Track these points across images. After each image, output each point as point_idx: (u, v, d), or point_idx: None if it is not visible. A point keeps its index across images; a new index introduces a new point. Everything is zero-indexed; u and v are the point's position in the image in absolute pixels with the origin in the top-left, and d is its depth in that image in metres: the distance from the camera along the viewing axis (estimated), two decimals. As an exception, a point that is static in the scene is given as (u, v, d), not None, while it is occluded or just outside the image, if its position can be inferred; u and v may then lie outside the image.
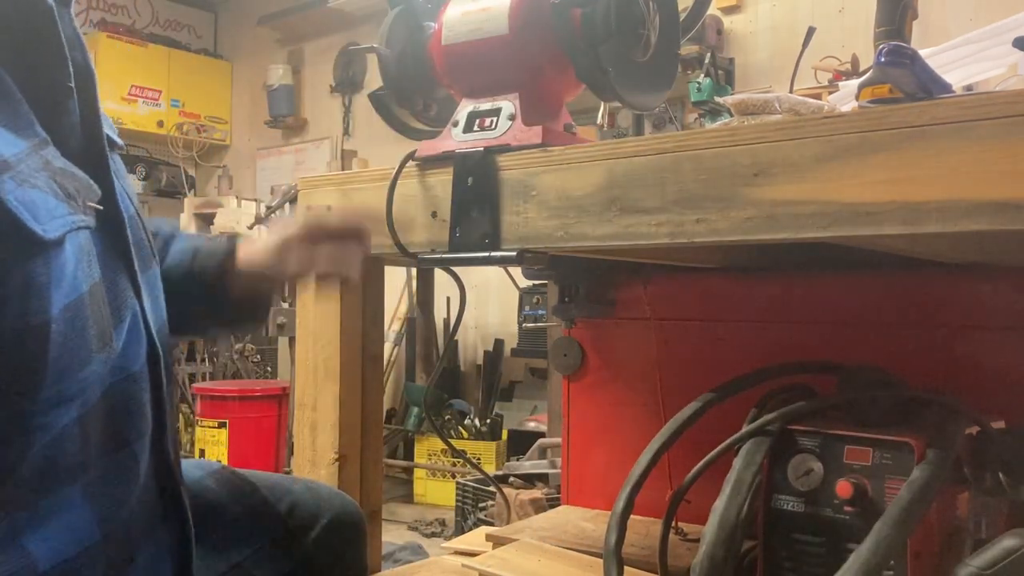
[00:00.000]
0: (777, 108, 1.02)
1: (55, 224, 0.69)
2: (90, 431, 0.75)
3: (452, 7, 1.05)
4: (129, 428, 0.79)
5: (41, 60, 0.74)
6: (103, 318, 0.75)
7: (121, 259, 0.81)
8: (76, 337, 0.71)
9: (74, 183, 0.73)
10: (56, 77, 0.75)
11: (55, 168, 0.71)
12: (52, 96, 0.75)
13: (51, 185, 0.70)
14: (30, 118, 0.72)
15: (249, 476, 1.04)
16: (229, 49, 6.80)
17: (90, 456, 0.75)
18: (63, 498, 0.73)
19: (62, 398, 0.71)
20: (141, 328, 0.82)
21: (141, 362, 0.81)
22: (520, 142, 0.97)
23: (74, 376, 0.72)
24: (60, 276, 0.69)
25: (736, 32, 4.18)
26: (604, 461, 1.59)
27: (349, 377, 1.22)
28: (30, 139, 0.70)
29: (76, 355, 0.71)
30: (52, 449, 0.71)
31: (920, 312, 1.27)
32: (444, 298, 4.76)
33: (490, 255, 0.96)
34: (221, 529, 0.96)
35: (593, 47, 0.93)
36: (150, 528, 0.82)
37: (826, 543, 0.96)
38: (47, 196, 0.69)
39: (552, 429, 3.05)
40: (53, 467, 0.71)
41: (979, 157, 0.69)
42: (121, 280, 0.80)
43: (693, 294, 1.49)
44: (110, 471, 0.77)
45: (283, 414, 4.15)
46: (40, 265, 0.67)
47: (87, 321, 0.72)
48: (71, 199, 0.72)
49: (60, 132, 0.75)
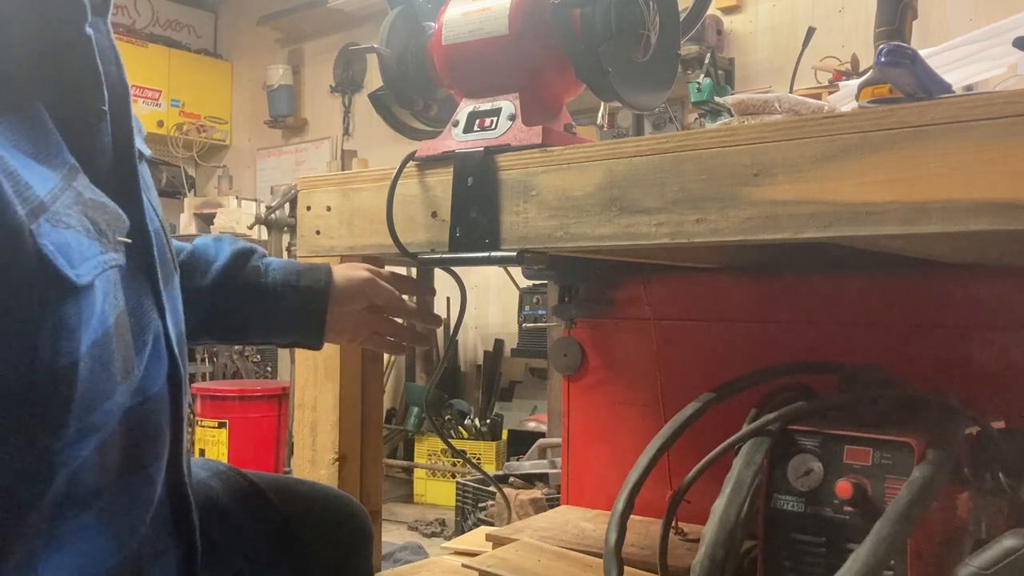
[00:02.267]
0: (777, 108, 1.03)
1: (88, 267, 0.67)
2: (108, 457, 0.73)
3: (452, 7, 1.05)
4: (146, 451, 0.78)
5: (75, 86, 0.72)
6: (127, 346, 0.74)
7: (146, 278, 0.79)
8: (102, 371, 0.70)
9: (104, 216, 0.71)
10: (89, 101, 0.73)
11: (86, 201, 0.70)
12: (84, 119, 0.73)
13: (84, 222, 0.68)
14: (60, 145, 0.69)
15: (254, 477, 1.03)
16: (229, 49, 6.80)
17: (106, 481, 0.73)
18: (79, 524, 0.71)
19: (86, 432, 0.70)
20: (163, 348, 0.80)
21: (161, 383, 0.80)
22: (520, 142, 0.97)
23: (99, 410, 0.70)
24: (90, 315, 0.68)
25: (736, 32, 4.18)
26: (604, 461, 1.59)
27: (349, 377, 1.22)
28: (60, 168, 0.68)
29: (101, 388, 0.70)
30: (71, 479, 0.70)
31: (920, 312, 1.27)
32: (444, 298, 4.76)
33: (490, 255, 0.96)
34: (225, 530, 0.96)
35: (593, 47, 0.93)
36: (161, 550, 0.81)
37: (826, 543, 0.96)
38: (80, 236, 0.67)
39: (552, 429, 3.06)
40: (71, 496, 0.70)
41: (979, 157, 0.69)
42: (145, 301, 0.79)
43: (693, 294, 1.49)
44: (126, 495, 0.76)
45: (283, 414, 4.15)
46: (71, 307, 0.66)
47: (113, 354, 0.71)
48: (102, 236, 0.70)
49: (91, 153, 0.73)
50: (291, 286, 1.06)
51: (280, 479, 1.08)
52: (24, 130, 0.67)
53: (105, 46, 0.77)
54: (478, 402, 4.77)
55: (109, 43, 0.78)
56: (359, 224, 1.10)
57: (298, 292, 1.06)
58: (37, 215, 0.63)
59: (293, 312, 1.06)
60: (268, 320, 1.07)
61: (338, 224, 1.12)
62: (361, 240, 1.11)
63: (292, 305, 1.06)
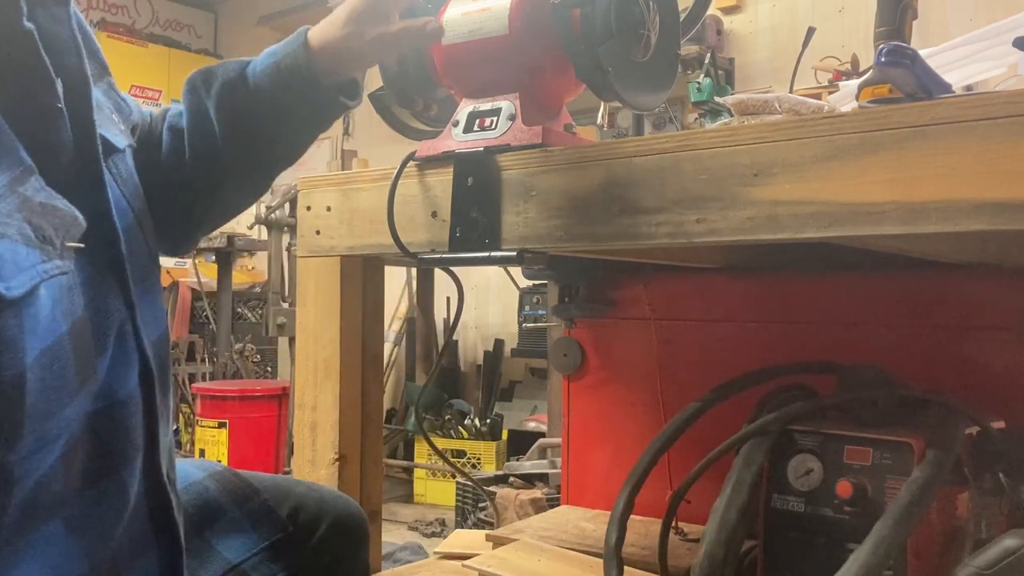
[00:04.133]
0: (777, 108, 1.03)
1: (22, 279, 0.65)
2: (73, 465, 0.71)
3: (452, 7, 1.05)
4: (115, 456, 0.76)
5: (25, 84, 0.70)
6: (87, 351, 0.72)
7: (113, 278, 0.77)
8: (55, 379, 0.68)
9: (53, 220, 0.69)
10: (43, 100, 0.71)
11: (33, 206, 0.67)
12: (39, 118, 0.71)
13: (24, 230, 0.66)
14: (13, 144, 0.67)
15: (250, 478, 1.03)
16: (229, 49, 6.79)
17: (73, 490, 0.72)
18: (45, 534, 0.70)
19: (45, 441, 0.68)
20: (132, 348, 0.78)
21: (132, 385, 0.78)
22: (520, 142, 0.97)
23: (56, 417, 0.68)
24: (34, 324, 0.66)
25: (736, 32, 4.18)
26: (604, 461, 1.59)
27: (349, 377, 1.22)
28: (11, 170, 0.66)
29: (56, 397, 0.68)
30: (35, 489, 0.68)
31: (920, 312, 1.27)
32: (444, 298, 4.76)
33: (490, 255, 0.96)
34: (221, 532, 0.95)
35: (593, 47, 0.93)
36: (140, 550, 0.80)
37: (826, 543, 0.96)
38: (16, 246, 0.65)
39: (552, 429, 3.06)
40: (35, 506, 0.68)
41: (979, 157, 0.69)
42: (112, 302, 0.76)
43: (693, 294, 1.49)
44: (95, 502, 0.74)
45: (283, 414, 4.15)
46: (10, 319, 0.64)
47: (67, 361, 0.69)
48: (46, 243, 0.67)
49: (48, 151, 0.71)
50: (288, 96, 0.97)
51: (277, 479, 1.08)
52: None
53: (62, 37, 0.75)
54: (478, 402, 4.77)
55: (68, 33, 0.76)
56: (359, 224, 1.10)
57: (288, 89, 0.96)
58: None
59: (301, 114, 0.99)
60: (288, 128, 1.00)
61: (338, 224, 1.12)
62: (361, 240, 1.11)
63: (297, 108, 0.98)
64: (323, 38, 0.97)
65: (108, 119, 0.84)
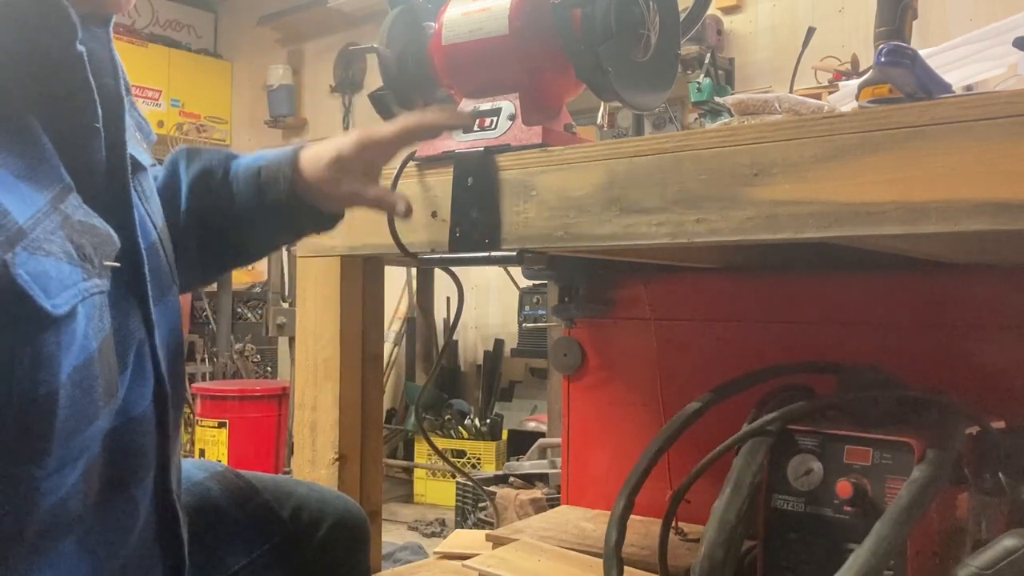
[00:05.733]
0: (777, 108, 1.03)
1: (66, 296, 0.65)
2: (91, 483, 0.72)
3: (452, 7, 1.05)
4: (129, 473, 0.76)
5: (68, 103, 0.71)
6: (111, 369, 0.72)
7: (135, 296, 0.77)
8: (84, 397, 0.68)
9: (92, 239, 0.69)
10: (83, 118, 0.72)
11: (73, 224, 0.68)
12: (79, 137, 0.72)
13: (66, 248, 0.66)
14: (55, 162, 0.68)
15: (251, 478, 1.03)
16: (229, 49, 6.79)
17: (88, 507, 0.72)
18: (58, 552, 0.70)
19: (68, 458, 0.68)
20: (148, 367, 0.78)
21: (146, 403, 0.78)
22: (520, 142, 0.97)
23: (81, 435, 0.69)
24: (70, 341, 0.66)
25: (736, 32, 4.18)
26: (604, 461, 1.59)
27: (349, 377, 1.22)
28: (52, 188, 0.67)
29: (84, 415, 0.68)
30: (55, 508, 0.68)
31: (920, 312, 1.27)
32: (444, 298, 4.76)
33: (490, 255, 0.96)
34: (223, 533, 0.95)
35: (593, 47, 0.93)
36: (146, 566, 0.80)
37: (826, 543, 0.96)
38: (60, 263, 0.65)
39: (552, 429, 3.05)
40: (54, 524, 0.69)
41: (979, 157, 0.69)
42: (132, 320, 0.77)
43: (693, 294, 1.50)
44: (107, 518, 0.74)
45: (283, 414, 4.15)
46: (50, 336, 0.64)
47: (95, 379, 0.69)
48: (86, 261, 0.68)
49: (85, 170, 0.72)
50: (262, 206, 0.97)
51: (277, 480, 1.08)
52: (13, 145, 0.66)
53: (103, 57, 0.76)
54: (478, 402, 4.76)
55: (108, 54, 0.77)
56: (359, 224, 1.10)
57: (265, 208, 0.97)
58: (13, 243, 0.62)
59: (267, 224, 1.00)
60: (251, 234, 1.02)
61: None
62: (361, 240, 1.11)
63: (265, 218, 0.98)
64: (308, 167, 0.97)
65: (133, 137, 0.85)
